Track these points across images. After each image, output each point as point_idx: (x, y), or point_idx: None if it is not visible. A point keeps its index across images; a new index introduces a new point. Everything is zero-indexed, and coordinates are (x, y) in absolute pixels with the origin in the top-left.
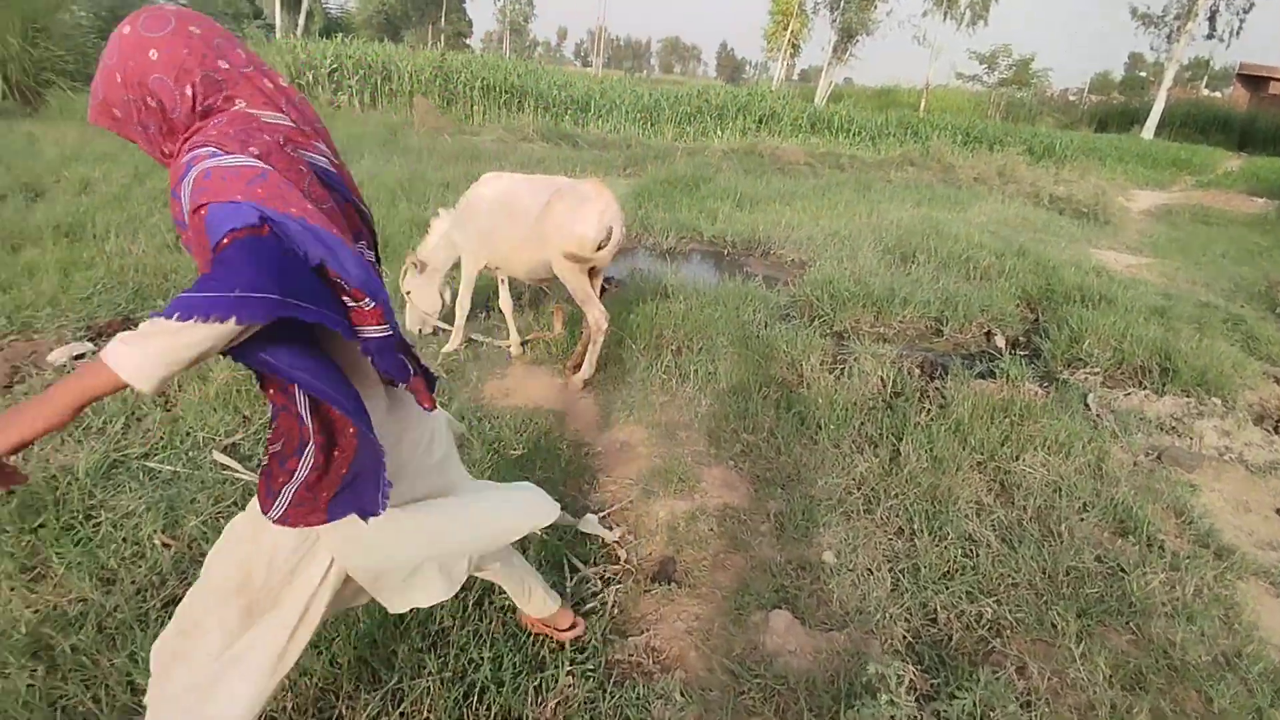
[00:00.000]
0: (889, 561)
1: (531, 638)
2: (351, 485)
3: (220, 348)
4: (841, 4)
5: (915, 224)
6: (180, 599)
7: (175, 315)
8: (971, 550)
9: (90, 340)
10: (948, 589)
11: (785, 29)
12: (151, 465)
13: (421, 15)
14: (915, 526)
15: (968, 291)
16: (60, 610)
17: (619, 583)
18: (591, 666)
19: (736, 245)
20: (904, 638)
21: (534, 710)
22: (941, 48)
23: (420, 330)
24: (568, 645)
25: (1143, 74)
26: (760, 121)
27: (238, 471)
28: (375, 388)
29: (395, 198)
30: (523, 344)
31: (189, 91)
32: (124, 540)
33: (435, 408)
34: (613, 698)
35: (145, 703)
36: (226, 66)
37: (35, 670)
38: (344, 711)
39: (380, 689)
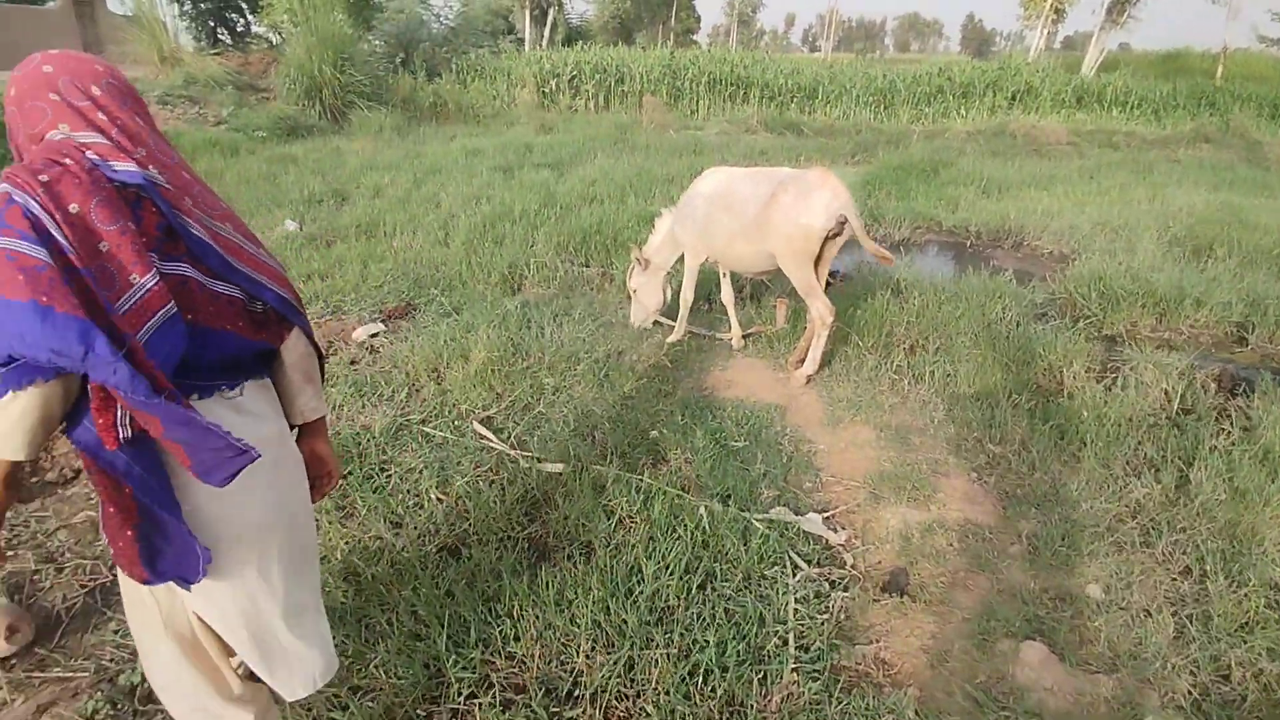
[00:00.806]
0: (1172, 604)
1: (756, 626)
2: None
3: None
4: None
5: (1211, 212)
6: (450, 546)
7: None
8: (1277, 602)
9: (382, 322)
10: (1245, 643)
11: None
12: (427, 430)
13: (652, 16)
14: (1207, 567)
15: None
16: (363, 545)
17: (844, 588)
18: (818, 668)
19: (982, 236)
20: (1189, 693)
21: (758, 701)
22: (1239, 6)
23: (641, 325)
24: (792, 642)
25: None
26: (1013, 98)
27: (491, 441)
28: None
29: (624, 194)
30: (744, 337)
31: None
32: (407, 492)
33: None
34: (840, 704)
35: None
36: (55, 99)
37: (346, 592)
38: (583, 667)
39: (614, 653)
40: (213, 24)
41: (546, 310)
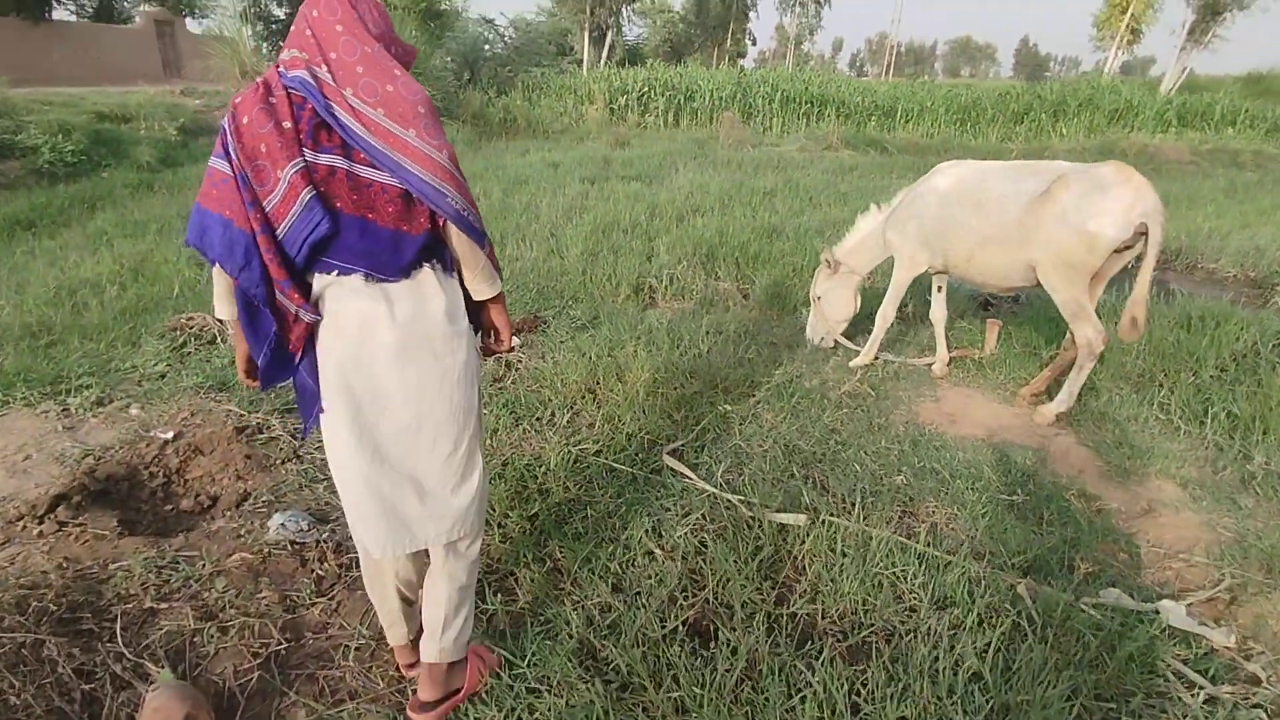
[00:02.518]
0: None
1: None
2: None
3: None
4: None
5: None
6: (694, 623)
7: None
8: None
9: (515, 335)
10: None
11: (1123, 12)
12: (613, 465)
13: (705, 39)
14: None
15: None
16: (587, 614)
17: (1264, 710)
18: None
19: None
20: None
21: None
22: None
23: (819, 341)
24: None
25: None
26: (1112, 117)
27: (695, 481)
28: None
29: (728, 205)
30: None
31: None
32: (617, 543)
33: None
34: None
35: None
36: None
37: (591, 683)
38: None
39: None
40: (282, 44)
41: (694, 326)
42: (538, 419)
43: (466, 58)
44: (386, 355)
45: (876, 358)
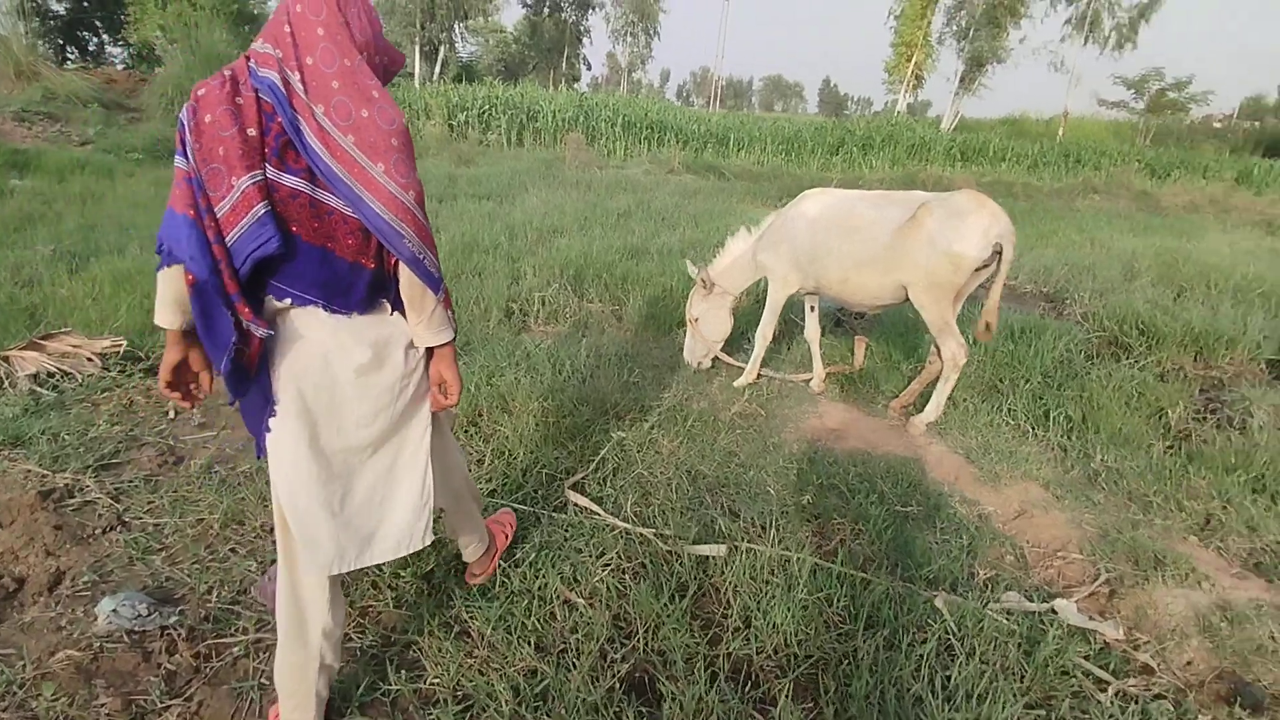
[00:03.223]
0: None
1: None
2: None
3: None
4: (970, 33)
5: (1156, 254)
6: (631, 679)
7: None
8: None
9: None
10: None
11: (908, 60)
12: (513, 506)
13: (540, 61)
14: None
15: None
16: (516, 683)
17: (1169, 700)
18: None
19: None
20: None
21: None
22: (1080, 75)
23: (698, 364)
24: None
25: None
26: (909, 152)
27: (604, 517)
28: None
29: (586, 225)
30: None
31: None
32: (529, 595)
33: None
34: None
35: None
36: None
37: None
38: None
39: None
40: (61, 41)
41: (574, 350)
42: None
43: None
44: (347, 382)
45: (759, 376)
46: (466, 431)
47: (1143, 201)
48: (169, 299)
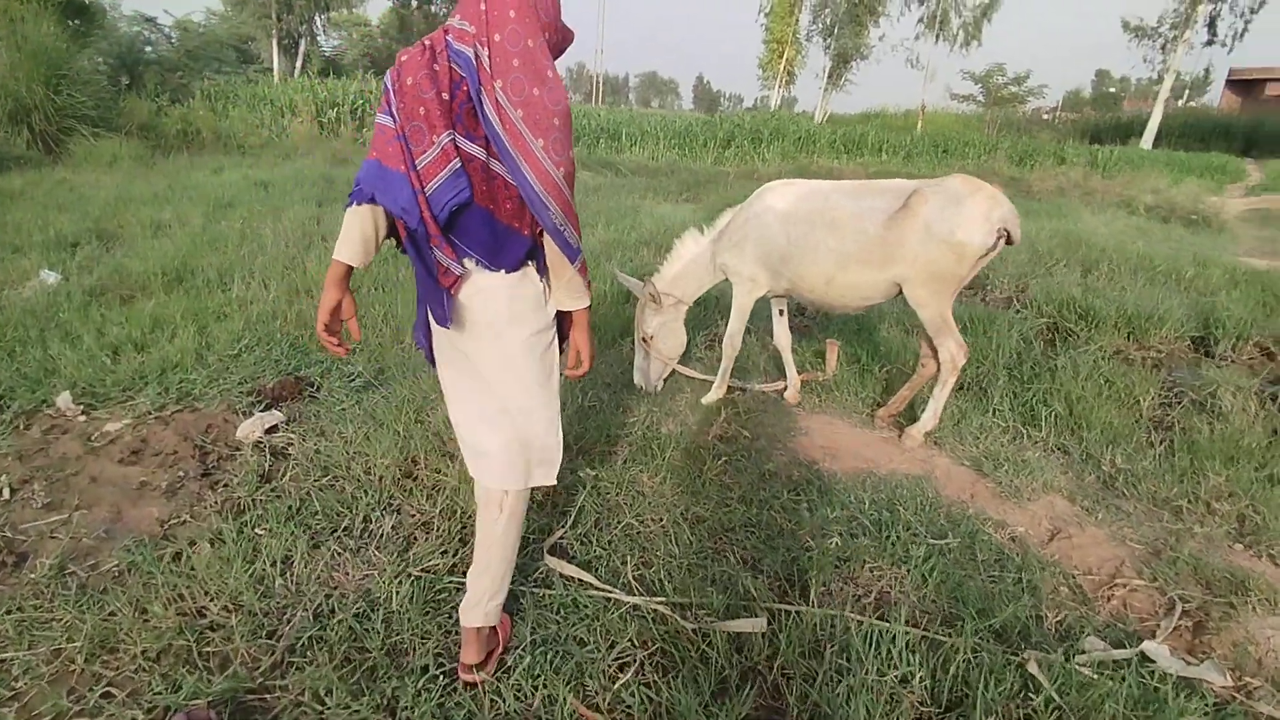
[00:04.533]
0: None
1: None
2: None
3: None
4: (835, 30)
5: (1054, 236)
6: None
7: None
8: None
9: (274, 408)
10: None
11: (780, 57)
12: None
13: None
14: None
15: (1212, 305)
16: None
17: None
18: None
19: None
20: None
21: None
22: (934, 70)
23: (654, 383)
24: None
25: (1111, 90)
26: (797, 145)
27: (603, 589)
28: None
29: None
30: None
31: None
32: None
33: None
34: None
35: None
36: None
37: None
38: None
39: None
40: None
41: None
42: (346, 531)
43: (123, 60)
44: (487, 329)
45: (730, 390)
46: (400, 485)
47: (1014, 188)
48: (356, 237)
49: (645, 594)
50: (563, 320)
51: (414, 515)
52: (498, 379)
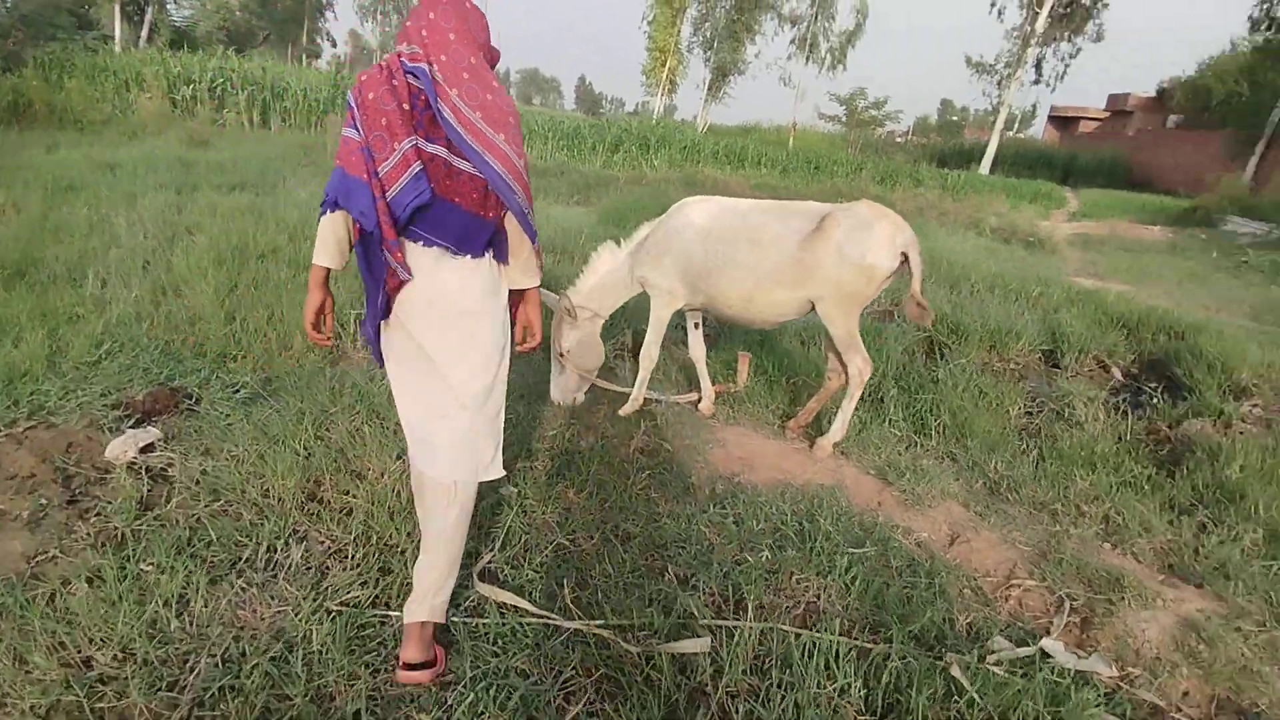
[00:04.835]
0: None
1: None
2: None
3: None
4: (715, 44)
5: (925, 254)
6: None
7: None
8: None
9: (147, 424)
10: None
11: (663, 66)
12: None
13: (274, 32)
14: None
15: (1058, 321)
16: None
17: None
18: None
19: None
20: None
21: None
22: (804, 90)
23: (572, 397)
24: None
25: (954, 118)
26: (683, 154)
27: (543, 616)
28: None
29: None
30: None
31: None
32: None
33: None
34: None
35: None
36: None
37: None
38: None
39: None
40: None
41: None
42: (249, 564)
43: None
44: (447, 309)
45: (645, 401)
46: (305, 509)
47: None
48: (330, 241)
49: (584, 617)
50: (511, 302)
51: (324, 543)
52: (456, 364)
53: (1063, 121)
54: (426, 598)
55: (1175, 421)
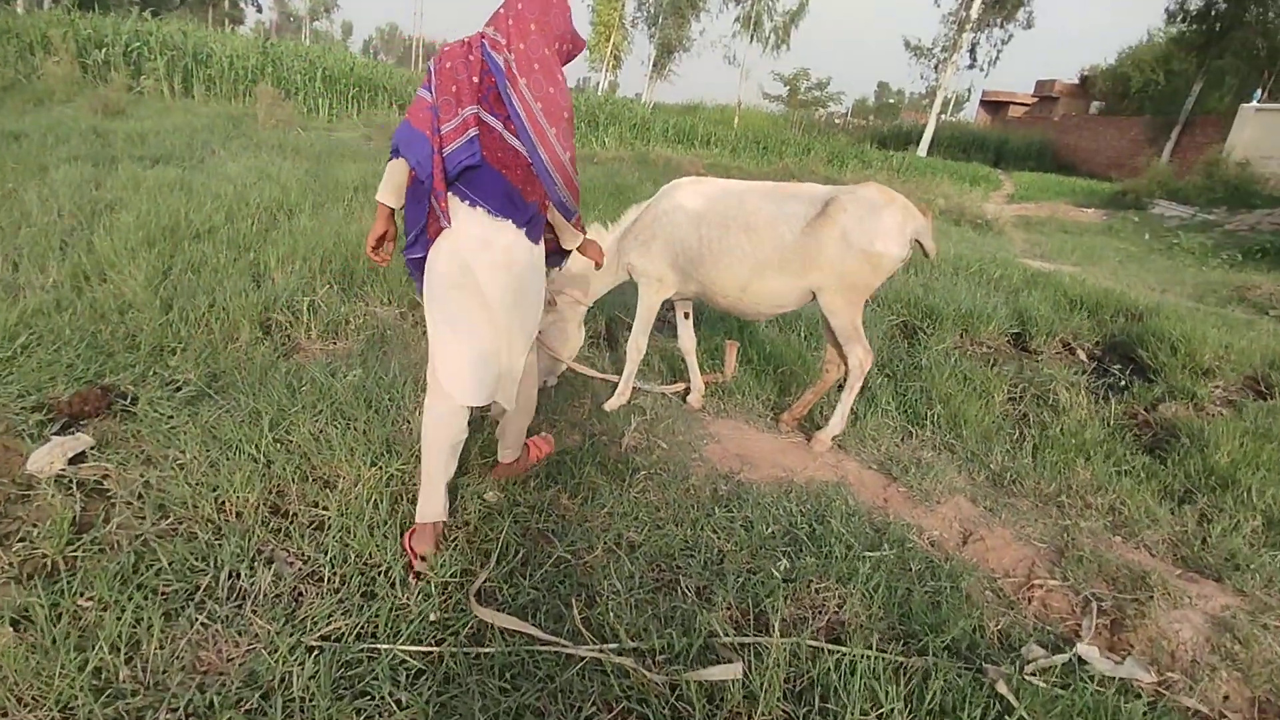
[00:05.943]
0: None
1: None
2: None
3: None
4: (659, 20)
5: None
6: None
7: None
8: None
9: (75, 430)
10: None
11: (607, 41)
12: (405, 653)
13: None
14: None
15: (1025, 304)
16: None
17: None
18: None
19: None
20: None
21: None
22: (749, 69)
23: (546, 382)
24: None
25: (890, 100)
26: (634, 132)
27: (555, 642)
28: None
29: (321, 203)
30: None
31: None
32: None
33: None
34: None
35: None
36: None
37: None
38: None
39: None
40: None
41: (384, 379)
42: (208, 594)
43: None
44: (488, 266)
45: (634, 396)
46: (270, 525)
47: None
48: (392, 185)
49: (597, 640)
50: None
51: (295, 565)
52: (507, 310)
53: (994, 106)
54: (508, 442)
55: (1151, 405)
